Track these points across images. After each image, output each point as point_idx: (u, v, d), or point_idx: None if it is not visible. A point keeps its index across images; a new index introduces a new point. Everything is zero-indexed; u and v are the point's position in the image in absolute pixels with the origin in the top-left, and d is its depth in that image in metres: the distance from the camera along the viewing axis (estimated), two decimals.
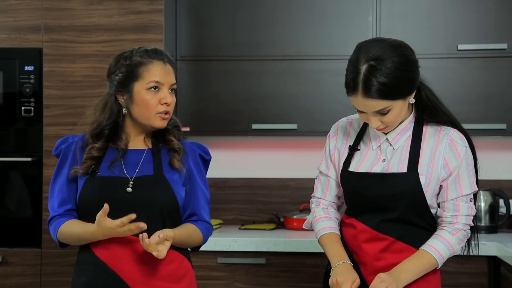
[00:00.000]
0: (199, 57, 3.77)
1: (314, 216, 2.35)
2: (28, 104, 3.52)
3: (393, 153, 2.21)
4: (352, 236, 2.26)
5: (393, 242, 2.20)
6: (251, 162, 4.05)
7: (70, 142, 2.32)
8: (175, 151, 2.28)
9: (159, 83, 2.22)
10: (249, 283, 3.45)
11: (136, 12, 3.50)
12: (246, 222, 3.99)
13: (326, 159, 2.35)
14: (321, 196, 2.36)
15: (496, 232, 3.71)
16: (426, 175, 2.17)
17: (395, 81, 2.07)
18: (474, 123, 3.63)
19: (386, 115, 2.11)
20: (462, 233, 2.21)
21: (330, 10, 3.71)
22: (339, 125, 2.36)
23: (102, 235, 2.14)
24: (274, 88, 3.75)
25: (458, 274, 3.35)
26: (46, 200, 3.47)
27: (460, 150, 2.18)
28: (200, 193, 2.32)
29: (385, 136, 2.23)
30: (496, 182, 3.88)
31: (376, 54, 2.08)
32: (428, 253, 2.16)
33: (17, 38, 3.53)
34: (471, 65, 3.65)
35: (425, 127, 2.23)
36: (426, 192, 2.17)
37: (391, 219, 2.19)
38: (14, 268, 3.51)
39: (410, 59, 2.14)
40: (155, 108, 2.22)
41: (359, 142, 2.29)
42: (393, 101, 2.09)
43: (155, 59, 2.24)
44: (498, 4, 3.64)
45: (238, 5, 3.76)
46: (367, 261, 2.21)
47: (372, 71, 2.06)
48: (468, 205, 2.20)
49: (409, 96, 2.15)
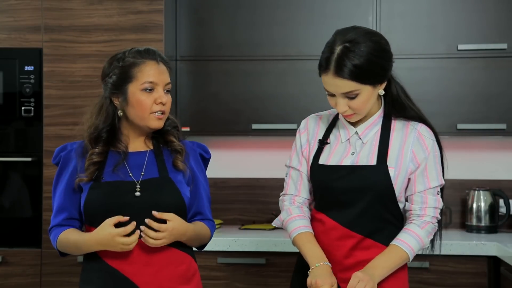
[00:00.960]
0: (199, 57, 3.77)
1: (289, 214, 2.33)
2: (28, 104, 3.52)
3: (362, 146, 2.24)
4: (322, 232, 2.27)
5: (362, 239, 2.21)
6: (251, 162, 4.05)
7: (68, 150, 2.29)
8: (177, 152, 2.27)
9: (153, 83, 2.20)
10: (249, 283, 3.45)
11: (136, 12, 3.50)
12: (246, 222, 3.99)
13: (298, 154, 2.36)
14: (294, 192, 2.35)
15: (496, 232, 3.72)
16: (395, 168, 2.19)
17: (367, 64, 2.11)
18: (474, 123, 3.64)
19: (354, 99, 2.14)
20: (431, 225, 2.23)
21: (330, 10, 3.71)
22: (308, 120, 2.39)
23: (97, 243, 2.11)
24: (274, 88, 3.75)
25: (458, 274, 3.36)
26: (46, 200, 3.50)
27: (427, 143, 2.22)
28: (203, 192, 2.32)
29: (355, 130, 2.25)
30: (496, 182, 3.88)
31: (352, 37, 2.13)
32: (399, 247, 2.19)
33: (17, 38, 3.53)
34: (471, 65, 3.66)
35: (394, 122, 2.26)
36: (395, 184, 2.19)
37: (361, 214, 2.20)
38: (14, 268, 3.51)
39: (385, 48, 2.18)
40: (150, 108, 2.20)
41: (328, 136, 2.31)
42: (362, 85, 2.13)
43: (148, 59, 2.22)
44: (498, 4, 3.65)
45: (238, 5, 3.76)
46: (337, 258, 2.22)
47: (346, 52, 2.11)
48: (435, 198, 2.23)
49: (378, 85, 2.18)
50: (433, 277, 3.38)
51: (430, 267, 3.38)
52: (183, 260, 2.23)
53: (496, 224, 3.73)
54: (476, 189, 3.77)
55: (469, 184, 3.89)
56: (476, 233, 3.71)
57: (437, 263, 3.38)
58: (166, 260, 2.17)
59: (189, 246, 2.27)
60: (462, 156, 3.95)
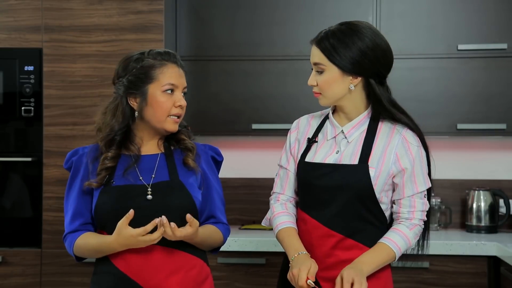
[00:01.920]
0: (199, 57, 3.77)
1: (273, 211, 2.36)
2: (28, 104, 3.52)
3: (347, 145, 2.26)
4: (304, 231, 2.29)
5: (343, 239, 2.23)
6: (251, 162, 4.05)
7: (80, 154, 2.26)
8: (188, 150, 2.26)
9: (174, 86, 2.20)
10: (249, 283, 3.45)
11: (136, 12, 3.50)
12: (246, 222, 3.99)
13: (287, 153, 2.40)
14: (280, 191, 2.38)
15: (496, 232, 3.72)
16: (376, 168, 2.21)
17: (341, 45, 2.20)
18: (474, 123, 3.64)
19: (320, 75, 2.24)
20: (418, 228, 2.27)
21: (330, 10, 3.71)
22: (300, 120, 2.43)
23: (121, 245, 2.10)
24: (274, 88, 3.75)
25: (458, 274, 3.36)
26: (46, 200, 3.50)
27: (412, 149, 2.24)
28: (216, 195, 2.30)
29: (341, 128, 2.28)
30: (496, 182, 3.88)
31: (354, 24, 2.24)
32: (387, 246, 2.21)
33: (17, 38, 3.53)
34: (471, 65, 3.66)
35: (380, 123, 2.28)
36: (374, 185, 2.21)
37: (340, 213, 2.22)
38: (14, 268, 3.51)
39: (371, 41, 2.21)
40: (169, 110, 2.19)
41: (317, 134, 2.34)
42: (329, 63, 2.21)
43: (169, 62, 2.23)
44: (498, 4, 3.65)
45: (238, 5, 3.76)
46: (319, 257, 2.23)
47: (335, 31, 2.22)
48: (422, 201, 2.26)
49: (348, 74, 2.21)
50: (433, 277, 3.38)
51: (430, 267, 3.38)
52: (194, 264, 2.21)
53: (496, 224, 3.73)
54: (476, 189, 3.77)
55: (469, 184, 3.89)
56: (476, 233, 3.71)
57: (437, 263, 3.38)
58: (177, 264, 2.16)
59: (201, 249, 2.26)
60: (462, 156, 3.95)
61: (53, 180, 3.51)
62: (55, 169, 3.51)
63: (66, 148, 3.49)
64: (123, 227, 2.06)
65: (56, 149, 3.51)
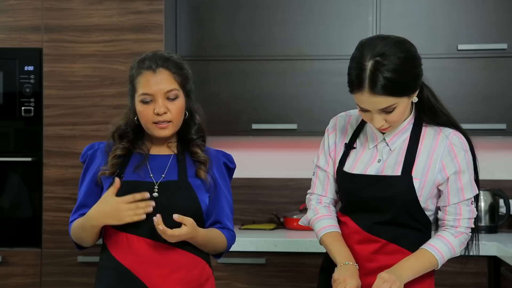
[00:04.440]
0: (199, 57, 3.77)
1: (316, 213, 2.31)
2: (28, 104, 3.52)
3: (389, 154, 2.19)
4: (344, 235, 2.25)
5: (385, 244, 2.18)
6: (251, 162, 4.05)
7: (95, 149, 2.30)
8: (201, 163, 2.26)
9: (148, 95, 2.18)
10: (249, 283, 3.45)
11: (136, 12, 3.50)
12: (246, 222, 3.99)
13: (325, 154, 2.32)
14: (322, 193, 2.33)
15: (496, 232, 3.71)
16: (421, 179, 2.15)
17: (401, 76, 2.04)
18: (474, 123, 3.63)
19: (391, 113, 2.08)
20: (464, 236, 2.20)
21: (330, 10, 3.71)
22: (337, 120, 2.34)
23: (98, 212, 2.11)
24: (274, 88, 3.75)
25: (458, 274, 3.35)
26: (46, 200, 3.50)
27: (458, 156, 2.16)
28: (225, 201, 2.30)
29: (383, 136, 2.20)
30: (496, 182, 3.88)
31: (381, 50, 2.05)
32: (429, 252, 2.15)
33: (17, 38, 3.53)
34: (471, 65, 3.65)
35: (424, 128, 2.21)
36: (420, 196, 2.15)
37: (384, 221, 2.17)
38: (14, 268, 3.51)
39: (415, 55, 2.13)
40: (151, 119, 2.19)
41: (355, 140, 2.26)
42: (399, 98, 2.06)
43: (143, 69, 2.20)
44: (498, 4, 3.64)
45: (238, 5, 3.75)
46: (359, 262, 2.19)
47: (378, 67, 2.02)
48: (469, 209, 2.19)
49: (413, 93, 2.13)
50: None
51: None
52: (196, 264, 2.22)
53: (496, 224, 3.72)
54: None
55: None
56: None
57: None
58: (178, 263, 2.17)
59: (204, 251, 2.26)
60: None
61: (53, 180, 3.51)
62: (55, 169, 3.51)
63: (66, 148, 3.49)
64: (108, 195, 2.09)
65: (56, 149, 3.51)
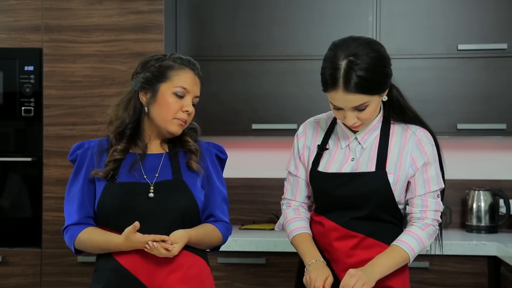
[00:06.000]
0: (199, 57, 3.75)
1: (286, 217, 2.38)
2: (28, 104, 3.52)
3: (362, 152, 2.25)
4: (321, 233, 2.29)
5: (363, 238, 2.23)
6: (251, 162, 4.05)
7: (86, 148, 2.28)
8: (192, 152, 2.27)
9: (185, 90, 2.22)
10: (249, 283, 3.45)
11: (136, 12, 3.50)
12: (246, 222, 3.99)
13: (295, 159, 2.38)
14: (291, 197, 2.39)
15: (496, 232, 3.72)
16: (394, 174, 2.21)
17: (373, 75, 2.11)
18: (474, 123, 3.64)
19: (363, 111, 2.15)
20: (432, 228, 2.25)
21: (330, 10, 3.71)
22: (307, 125, 2.40)
23: (129, 247, 2.12)
24: (274, 88, 3.75)
25: (458, 274, 3.36)
26: (46, 200, 3.50)
27: (426, 149, 2.23)
28: (217, 194, 2.30)
29: (354, 135, 2.26)
30: (496, 182, 3.88)
31: (354, 50, 2.12)
32: (400, 247, 2.20)
33: (17, 38, 3.53)
34: (471, 65, 3.66)
35: (393, 126, 2.27)
36: (394, 190, 2.21)
37: (361, 217, 2.23)
38: (14, 268, 3.51)
39: (385, 55, 2.19)
40: (175, 113, 2.21)
41: (327, 141, 2.32)
42: (371, 96, 2.14)
43: (187, 67, 2.26)
44: (498, 4, 3.65)
45: (238, 5, 3.76)
46: (339, 258, 2.24)
47: (352, 66, 2.09)
48: (436, 201, 2.25)
49: (384, 92, 2.20)
50: (433, 277, 3.38)
51: (430, 267, 3.38)
52: (194, 262, 2.22)
53: (496, 224, 3.73)
54: (476, 189, 3.77)
55: (469, 184, 3.89)
56: (476, 233, 3.71)
57: (437, 263, 3.38)
58: (178, 262, 2.17)
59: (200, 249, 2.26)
60: (462, 156, 3.95)
61: (53, 180, 3.51)
62: (55, 169, 3.51)
63: (66, 148, 3.48)
64: (130, 234, 2.09)
65: (56, 149, 3.51)
